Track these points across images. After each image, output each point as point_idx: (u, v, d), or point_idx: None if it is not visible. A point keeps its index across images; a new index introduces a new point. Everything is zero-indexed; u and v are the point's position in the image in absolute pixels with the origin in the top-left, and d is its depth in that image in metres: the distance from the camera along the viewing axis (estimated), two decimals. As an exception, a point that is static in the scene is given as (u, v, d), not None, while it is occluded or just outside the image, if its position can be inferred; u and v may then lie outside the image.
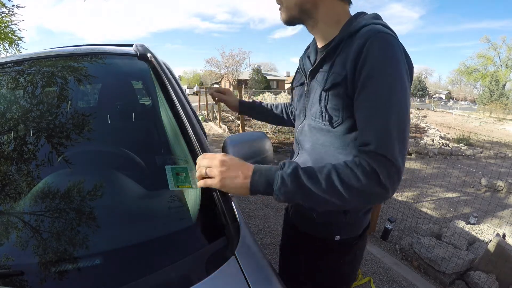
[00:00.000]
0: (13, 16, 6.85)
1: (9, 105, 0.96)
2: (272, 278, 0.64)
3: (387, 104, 0.62)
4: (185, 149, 0.87)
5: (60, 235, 0.67)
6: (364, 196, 0.61)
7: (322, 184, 0.60)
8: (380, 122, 0.62)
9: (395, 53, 0.65)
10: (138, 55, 1.14)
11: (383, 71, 0.63)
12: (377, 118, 0.62)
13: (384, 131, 0.61)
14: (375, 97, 0.63)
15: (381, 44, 0.65)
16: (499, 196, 4.89)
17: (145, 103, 1.48)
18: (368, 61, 0.64)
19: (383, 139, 0.61)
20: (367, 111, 0.65)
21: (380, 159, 0.60)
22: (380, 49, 0.64)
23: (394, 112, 0.62)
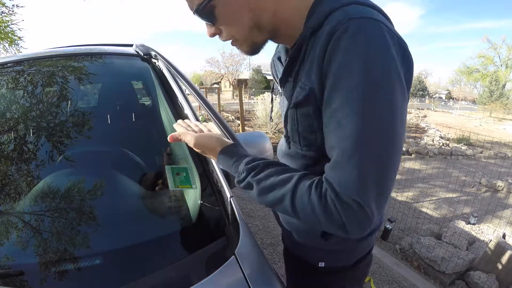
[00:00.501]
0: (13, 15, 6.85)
1: (9, 105, 0.96)
2: (272, 278, 0.64)
3: (361, 131, 0.43)
4: (185, 149, 0.87)
5: (60, 235, 0.67)
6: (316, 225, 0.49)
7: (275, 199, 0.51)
8: (354, 158, 0.44)
9: (378, 45, 0.44)
10: (142, 55, 1.14)
11: (355, 77, 0.43)
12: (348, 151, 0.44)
13: (358, 171, 0.43)
14: (345, 120, 0.44)
15: (354, 34, 0.44)
16: (499, 196, 4.89)
17: (145, 103, 1.48)
18: (335, 62, 0.45)
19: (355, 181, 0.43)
20: (335, 137, 0.47)
21: (350, 205, 0.44)
22: (353, 42, 0.44)
23: (373, 142, 0.44)
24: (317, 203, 0.46)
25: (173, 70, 0.95)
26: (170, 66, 0.98)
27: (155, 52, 1.10)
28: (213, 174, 0.79)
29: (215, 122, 0.71)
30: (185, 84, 0.86)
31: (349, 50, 0.44)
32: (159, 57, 1.06)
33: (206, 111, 0.78)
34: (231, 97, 30.51)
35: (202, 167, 0.83)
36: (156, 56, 1.09)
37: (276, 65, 0.72)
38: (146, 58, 1.13)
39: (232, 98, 28.12)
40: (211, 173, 0.80)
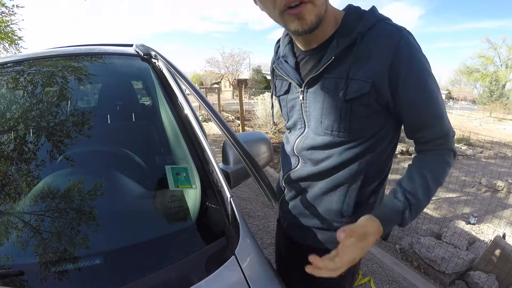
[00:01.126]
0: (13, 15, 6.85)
1: (9, 105, 0.96)
2: (272, 278, 0.64)
3: (437, 98, 0.67)
4: (185, 149, 0.87)
5: (60, 235, 0.67)
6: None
7: (432, 193, 0.68)
8: (441, 109, 0.68)
9: (419, 48, 0.66)
10: (142, 55, 1.14)
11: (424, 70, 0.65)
12: (439, 110, 0.68)
13: (446, 121, 0.70)
14: (428, 93, 0.66)
15: (411, 42, 0.65)
16: (499, 196, 4.89)
17: (145, 103, 1.48)
18: (408, 62, 0.63)
19: (448, 134, 0.70)
20: (431, 105, 0.67)
21: (451, 151, 0.71)
22: (413, 47, 0.64)
23: (442, 101, 0.69)
24: (448, 159, 0.70)
25: (173, 70, 0.95)
26: (170, 66, 0.98)
27: (155, 52, 1.10)
28: (213, 174, 0.79)
29: (215, 122, 0.71)
30: (185, 84, 0.86)
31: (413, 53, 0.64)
32: (159, 57, 1.06)
33: (206, 111, 0.78)
34: (231, 97, 30.52)
35: (202, 167, 0.83)
36: (156, 56, 1.08)
37: (284, 67, 0.78)
38: (146, 58, 1.13)
39: (232, 98, 28.12)
40: (211, 173, 0.80)
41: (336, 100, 0.69)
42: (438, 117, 0.68)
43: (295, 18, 0.61)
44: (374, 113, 0.69)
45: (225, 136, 0.72)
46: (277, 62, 0.81)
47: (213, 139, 7.33)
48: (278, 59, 0.81)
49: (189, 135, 0.89)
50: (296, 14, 0.61)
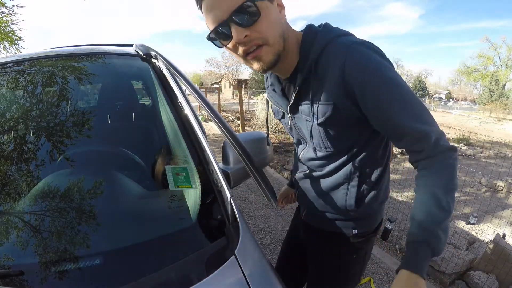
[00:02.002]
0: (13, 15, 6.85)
1: (9, 105, 0.96)
2: (272, 278, 0.64)
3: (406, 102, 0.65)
4: (185, 149, 0.87)
5: (60, 235, 0.67)
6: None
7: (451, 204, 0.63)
8: (415, 117, 0.65)
9: (372, 55, 0.66)
10: (142, 55, 1.14)
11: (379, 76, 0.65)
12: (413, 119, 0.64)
13: (426, 125, 0.65)
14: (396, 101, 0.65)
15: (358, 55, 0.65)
16: (499, 196, 4.89)
17: (145, 103, 1.48)
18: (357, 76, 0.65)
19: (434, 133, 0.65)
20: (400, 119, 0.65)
21: (446, 150, 0.65)
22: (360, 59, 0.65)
23: (415, 103, 0.66)
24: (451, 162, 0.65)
25: (173, 70, 0.95)
26: (170, 66, 0.98)
27: (155, 52, 1.10)
28: (213, 174, 0.79)
29: (215, 122, 0.72)
30: (185, 84, 0.86)
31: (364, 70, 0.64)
32: (159, 57, 1.06)
33: (206, 111, 0.78)
34: (231, 97, 30.52)
35: (202, 167, 0.83)
36: (156, 56, 1.08)
37: (273, 96, 0.87)
38: (146, 58, 1.13)
39: (232, 98, 28.12)
40: (211, 173, 0.80)
41: (313, 123, 0.76)
42: (417, 128, 0.64)
43: (255, 60, 0.69)
44: (350, 126, 0.74)
45: (225, 136, 0.72)
46: (268, 91, 0.90)
47: (213, 139, 7.33)
48: (268, 88, 0.90)
49: (189, 135, 0.89)
50: (254, 57, 0.68)
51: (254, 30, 0.64)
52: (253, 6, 0.62)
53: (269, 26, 0.65)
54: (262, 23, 0.64)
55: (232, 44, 0.66)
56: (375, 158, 0.80)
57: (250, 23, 0.63)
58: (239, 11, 0.61)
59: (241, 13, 0.62)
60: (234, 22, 0.63)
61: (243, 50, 0.66)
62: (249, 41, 0.65)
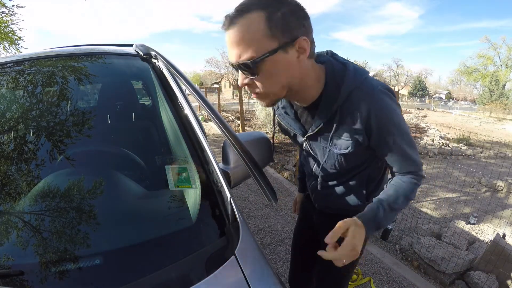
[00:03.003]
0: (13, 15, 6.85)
1: (9, 105, 0.96)
2: (272, 278, 0.64)
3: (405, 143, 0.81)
4: (185, 149, 0.87)
5: (60, 235, 0.67)
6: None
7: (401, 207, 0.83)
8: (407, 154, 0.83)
9: (390, 104, 0.78)
10: (142, 55, 1.14)
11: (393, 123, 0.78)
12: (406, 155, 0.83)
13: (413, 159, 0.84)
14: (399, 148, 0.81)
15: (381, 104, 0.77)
16: (499, 196, 4.89)
17: (145, 103, 1.48)
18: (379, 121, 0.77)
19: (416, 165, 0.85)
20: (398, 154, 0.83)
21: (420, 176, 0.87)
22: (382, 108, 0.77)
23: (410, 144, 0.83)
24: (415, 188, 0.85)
25: (173, 70, 0.95)
26: (170, 66, 0.98)
27: (155, 52, 1.10)
28: (213, 174, 0.79)
29: (215, 122, 0.71)
30: (185, 84, 0.86)
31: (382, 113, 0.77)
32: (159, 57, 1.06)
33: (206, 111, 0.78)
34: (231, 97, 30.52)
35: (202, 167, 0.83)
36: (156, 56, 1.08)
37: (284, 118, 0.95)
38: (146, 58, 1.13)
39: (232, 98, 28.12)
40: (211, 173, 0.80)
41: (330, 151, 0.87)
42: (407, 160, 0.84)
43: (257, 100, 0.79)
44: (362, 152, 0.86)
45: (225, 136, 0.72)
46: (278, 113, 0.98)
47: (213, 139, 7.33)
48: (278, 110, 0.97)
49: (189, 135, 0.89)
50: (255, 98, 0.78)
51: (253, 82, 0.73)
52: (251, 67, 0.68)
53: (267, 81, 0.72)
54: (259, 80, 0.72)
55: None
56: (377, 168, 0.97)
57: (252, 76, 0.71)
58: (243, 65, 0.69)
59: (245, 67, 0.69)
60: (240, 68, 0.71)
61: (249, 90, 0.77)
62: (249, 87, 0.75)
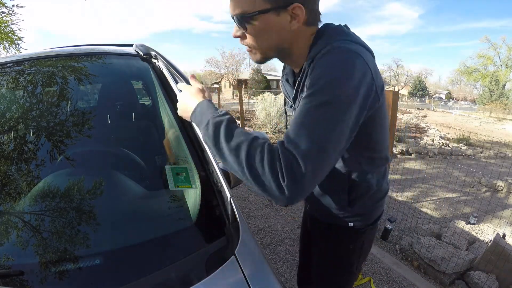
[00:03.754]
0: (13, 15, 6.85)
1: (9, 105, 0.96)
2: (272, 278, 0.64)
3: (313, 120, 0.58)
4: (185, 149, 0.87)
5: (60, 235, 0.67)
6: (259, 183, 0.57)
7: (232, 149, 0.59)
8: (303, 130, 0.57)
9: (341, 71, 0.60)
10: (142, 55, 1.14)
11: (320, 89, 0.60)
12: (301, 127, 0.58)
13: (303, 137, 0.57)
14: (307, 110, 0.59)
15: (327, 60, 0.63)
16: (499, 196, 4.89)
17: (145, 103, 1.48)
18: (309, 76, 0.64)
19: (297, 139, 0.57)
20: (296, 119, 0.60)
21: (289, 155, 0.55)
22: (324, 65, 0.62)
23: (317, 128, 0.57)
24: (267, 154, 0.56)
25: (173, 70, 0.95)
26: (170, 66, 0.98)
27: (155, 52, 1.10)
28: (213, 174, 0.79)
29: None
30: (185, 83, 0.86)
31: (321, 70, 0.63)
32: (159, 57, 1.07)
33: None
34: (231, 97, 30.53)
35: (202, 167, 0.83)
36: (156, 56, 1.09)
37: (285, 85, 0.91)
38: (146, 58, 1.13)
39: (232, 98, 28.14)
40: (211, 173, 0.80)
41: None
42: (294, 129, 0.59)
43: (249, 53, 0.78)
44: None
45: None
46: (282, 79, 0.94)
47: (213, 139, 7.31)
48: (283, 77, 0.93)
49: (189, 135, 0.89)
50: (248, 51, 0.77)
51: (243, 35, 0.73)
52: (241, 21, 0.69)
53: (256, 38, 0.72)
54: (250, 35, 0.72)
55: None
56: (360, 168, 0.82)
57: (244, 29, 0.71)
58: (239, 17, 0.69)
59: (240, 19, 0.70)
60: (234, 20, 0.72)
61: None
62: (242, 40, 0.74)
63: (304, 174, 0.54)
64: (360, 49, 0.66)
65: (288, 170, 0.54)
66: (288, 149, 0.56)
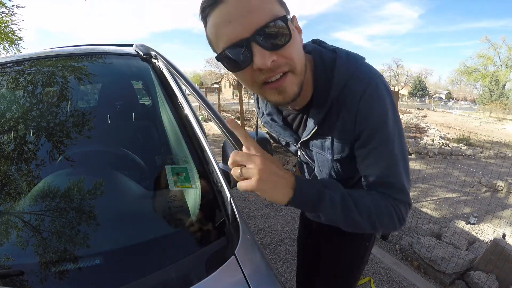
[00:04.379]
0: (13, 16, 6.85)
1: (9, 105, 0.96)
2: (272, 278, 0.64)
3: (394, 153, 0.64)
4: (185, 149, 0.87)
5: (60, 235, 0.67)
6: (387, 229, 0.66)
7: (363, 217, 0.61)
8: (395, 170, 0.64)
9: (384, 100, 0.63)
10: (142, 55, 1.14)
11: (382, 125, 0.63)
12: (391, 167, 0.64)
13: (400, 178, 0.65)
14: (384, 149, 0.64)
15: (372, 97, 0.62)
16: (499, 196, 4.89)
17: (145, 103, 1.48)
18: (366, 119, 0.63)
19: (402, 187, 0.65)
20: (379, 162, 0.65)
21: (406, 206, 0.66)
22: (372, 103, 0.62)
23: (401, 158, 0.65)
24: (395, 217, 0.64)
25: (173, 70, 0.95)
26: (170, 66, 0.98)
27: (155, 52, 1.10)
28: (213, 174, 0.79)
29: (215, 122, 0.72)
30: (185, 84, 0.86)
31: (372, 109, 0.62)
32: (159, 57, 1.06)
33: (206, 111, 0.78)
34: (231, 97, 30.53)
35: (202, 167, 0.83)
36: (156, 56, 1.09)
37: (272, 126, 0.82)
38: (146, 58, 1.13)
39: (232, 98, 28.14)
40: (211, 173, 0.80)
41: (326, 157, 0.74)
42: (390, 169, 0.65)
43: (275, 92, 0.58)
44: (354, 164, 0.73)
45: (225, 136, 0.72)
46: (264, 121, 0.83)
47: (213, 139, 7.33)
48: (263, 117, 0.83)
49: (189, 135, 0.89)
50: (276, 88, 0.57)
51: (282, 54, 0.53)
52: (284, 26, 0.52)
53: (297, 50, 0.56)
54: (291, 47, 0.54)
55: (251, 69, 0.54)
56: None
57: (278, 47, 0.52)
58: (266, 30, 0.50)
59: (268, 33, 0.51)
60: (258, 43, 0.51)
61: (264, 78, 0.55)
62: (276, 67, 0.54)
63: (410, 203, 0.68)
64: (369, 66, 0.66)
65: (406, 213, 0.66)
66: (401, 200, 0.65)
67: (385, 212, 0.63)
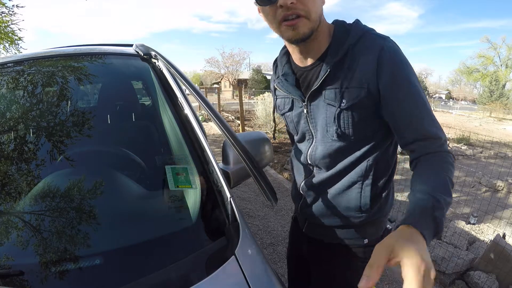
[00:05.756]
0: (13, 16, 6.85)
1: (9, 105, 0.96)
2: (272, 278, 0.64)
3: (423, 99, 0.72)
4: (185, 149, 0.87)
5: (60, 235, 0.67)
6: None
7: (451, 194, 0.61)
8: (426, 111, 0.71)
9: (404, 56, 0.73)
10: (142, 55, 1.14)
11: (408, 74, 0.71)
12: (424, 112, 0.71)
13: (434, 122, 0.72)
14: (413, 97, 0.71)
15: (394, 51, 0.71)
16: (499, 196, 4.89)
17: (145, 103, 1.48)
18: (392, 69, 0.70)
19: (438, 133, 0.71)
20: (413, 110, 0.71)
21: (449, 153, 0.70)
22: (396, 55, 0.71)
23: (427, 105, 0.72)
24: (451, 161, 0.68)
25: (173, 70, 0.95)
26: (170, 66, 0.98)
27: (155, 52, 1.10)
28: (213, 174, 0.79)
29: (215, 122, 0.72)
30: (185, 84, 0.86)
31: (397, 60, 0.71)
32: (159, 57, 1.06)
33: (206, 111, 0.78)
34: (231, 97, 30.55)
35: (202, 167, 0.83)
36: (156, 56, 1.08)
37: (285, 85, 0.84)
38: (146, 58, 1.13)
39: (232, 98, 28.15)
40: (211, 173, 0.80)
41: (339, 107, 0.76)
42: (426, 118, 0.71)
43: (290, 29, 0.70)
44: (371, 115, 0.76)
45: (225, 136, 0.72)
46: (278, 81, 0.87)
47: (213, 139, 7.33)
48: (278, 78, 0.88)
49: (189, 135, 0.89)
50: (291, 25, 0.70)
51: (301, 1, 0.67)
52: None
53: (315, 2, 0.70)
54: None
55: (275, 6, 0.68)
56: (386, 159, 0.82)
57: None
58: None
59: None
60: None
61: (283, 15, 0.69)
62: (293, 8, 0.67)
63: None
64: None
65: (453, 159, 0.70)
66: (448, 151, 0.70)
67: (452, 171, 0.66)
